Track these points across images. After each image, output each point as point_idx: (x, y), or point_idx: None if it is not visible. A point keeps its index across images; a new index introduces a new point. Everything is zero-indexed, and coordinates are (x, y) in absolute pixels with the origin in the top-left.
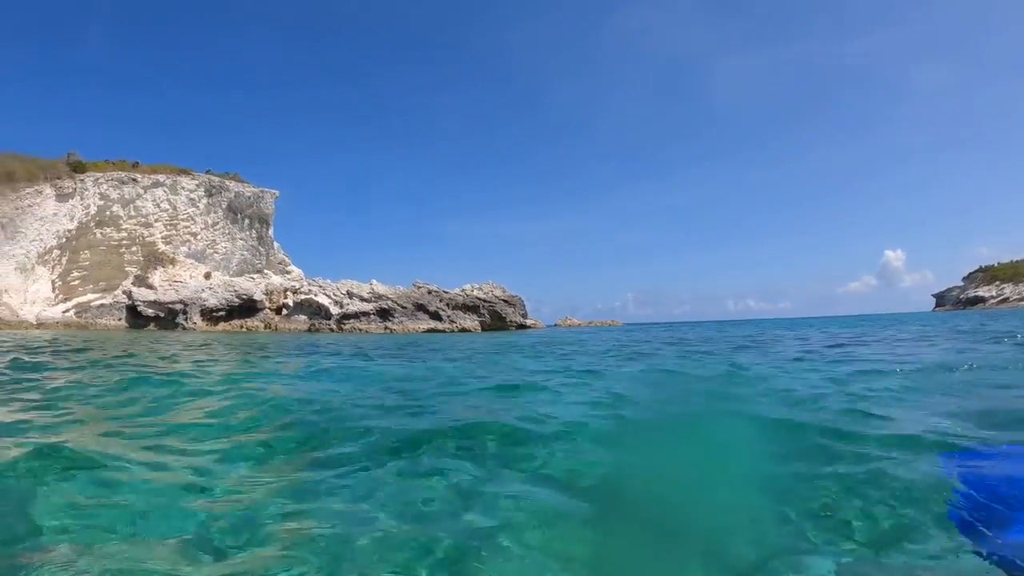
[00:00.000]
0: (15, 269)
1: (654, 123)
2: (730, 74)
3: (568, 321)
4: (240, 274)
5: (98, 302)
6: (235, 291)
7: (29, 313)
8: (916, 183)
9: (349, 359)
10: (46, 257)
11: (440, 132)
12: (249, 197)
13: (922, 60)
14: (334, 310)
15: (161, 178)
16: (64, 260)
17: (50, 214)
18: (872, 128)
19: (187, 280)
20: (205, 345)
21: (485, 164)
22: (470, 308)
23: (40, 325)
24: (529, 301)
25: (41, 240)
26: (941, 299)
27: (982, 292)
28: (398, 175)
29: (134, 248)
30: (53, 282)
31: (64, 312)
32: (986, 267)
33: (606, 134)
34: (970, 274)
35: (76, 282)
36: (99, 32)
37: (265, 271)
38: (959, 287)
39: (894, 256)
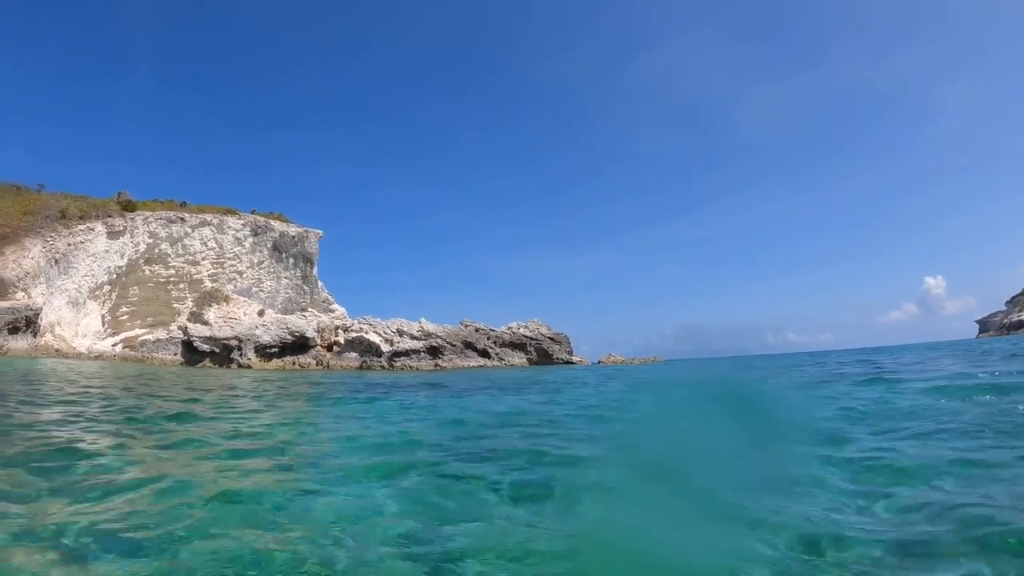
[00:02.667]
0: (67, 303)
1: (685, 156)
2: (757, 104)
3: (611, 358)
4: (285, 312)
5: (145, 336)
6: (288, 328)
7: (81, 345)
8: (953, 206)
9: (501, 395)
10: (97, 292)
11: (475, 167)
12: (293, 237)
13: (951, 78)
14: (385, 348)
15: (208, 217)
16: (114, 295)
17: (101, 251)
18: (904, 151)
19: (241, 317)
20: (335, 382)
21: (520, 199)
22: (517, 346)
23: (99, 356)
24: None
25: (92, 276)
26: (985, 325)
27: None
28: (435, 213)
29: (181, 285)
30: (103, 316)
31: (113, 345)
32: None
33: (638, 168)
34: (1013, 298)
35: (124, 317)
36: (145, 73)
37: (309, 309)
38: (1003, 312)
39: (934, 283)
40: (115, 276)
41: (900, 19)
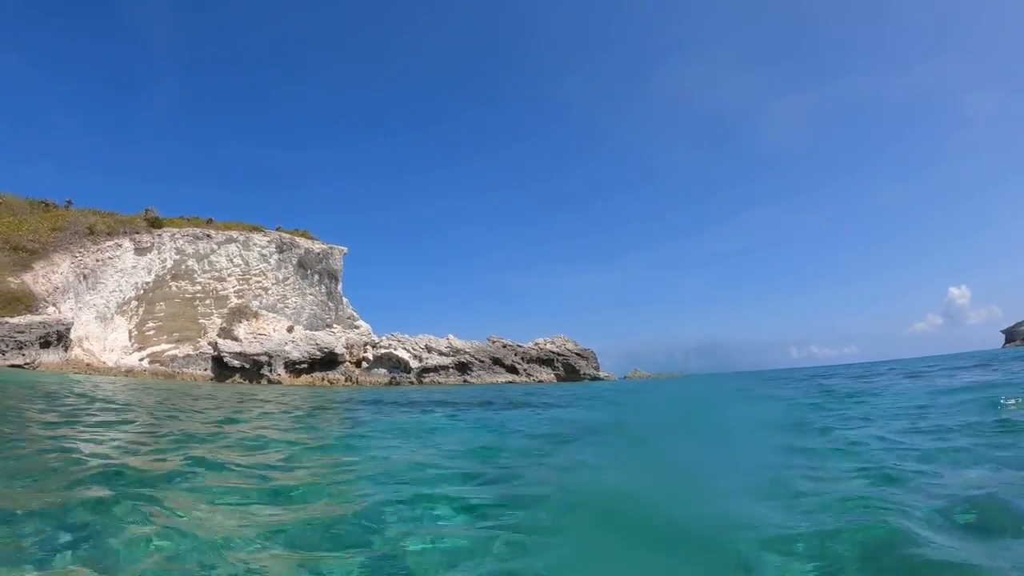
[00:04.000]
0: (95, 318)
1: (708, 171)
2: (780, 118)
3: (637, 373)
4: (310, 329)
5: (173, 352)
6: (317, 344)
7: (109, 360)
8: (976, 216)
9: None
10: (124, 307)
11: (499, 183)
12: (318, 253)
13: (975, 88)
14: (413, 364)
15: (234, 234)
16: (141, 311)
17: (129, 267)
18: (927, 162)
19: (271, 333)
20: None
21: (542, 215)
22: (545, 361)
23: (129, 372)
24: None
25: (120, 291)
26: (1011, 335)
27: None
28: (458, 229)
29: (208, 301)
30: (130, 331)
31: (140, 360)
32: None
33: (660, 184)
34: None
35: (151, 332)
36: (169, 88)
37: (334, 326)
38: None
39: (959, 293)
40: (142, 292)
41: (923, 29)
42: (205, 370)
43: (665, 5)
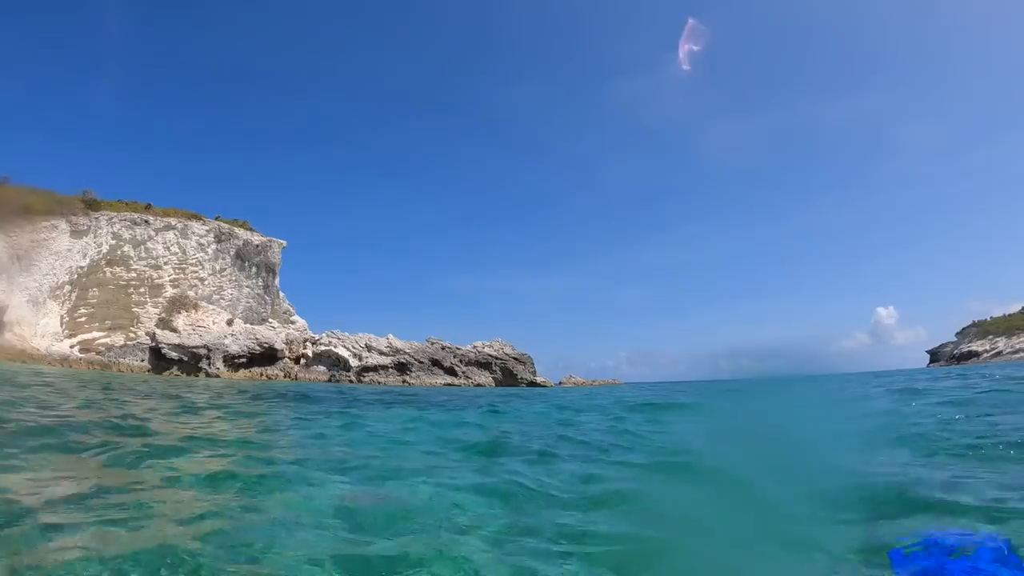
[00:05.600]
0: (27, 301)
1: (647, 185)
2: (717, 137)
3: (572, 379)
4: (247, 322)
5: (104, 340)
6: (256, 339)
7: (40, 346)
8: (903, 241)
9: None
10: (57, 292)
11: (441, 188)
12: (257, 245)
13: (906, 119)
14: (353, 362)
15: (173, 221)
16: (74, 296)
17: (64, 249)
18: (857, 187)
19: (210, 326)
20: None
21: (486, 222)
22: (483, 365)
23: (65, 361)
24: None
25: (54, 275)
26: (935, 355)
27: (975, 347)
28: (397, 232)
29: (142, 289)
30: (62, 317)
31: (71, 348)
32: (979, 322)
33: (601, 194)
34: (963, 329)
35: (83, 319)
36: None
37: (270, 320)
38: (952, 343)
39: (886, 313)
40: (76, 276)
41: (857, 59)
42: (142, 361)
43: (614, 21)
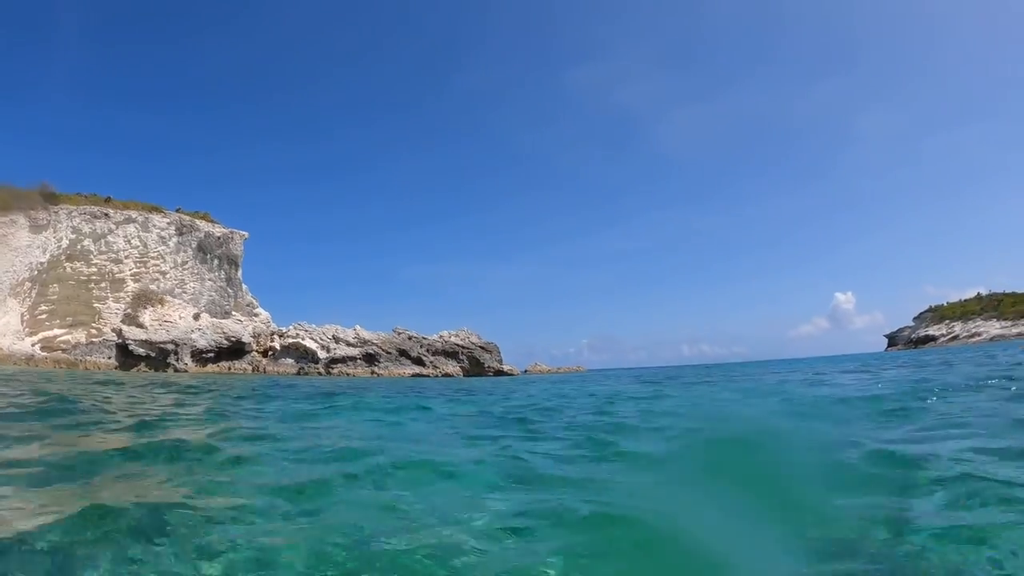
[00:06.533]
0: None
1: (610, 173)
2: (680, 125)
3: (537, 367)
4: (211, 315)
5: (66, 337)
6: (224, 333)
7: (1, 345)
8: (861, 227)
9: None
10: (18, 289)
11: (405, 183)
12: (219, 237)
13: (865, 107)
14: (321, 354)
15: (133, 214)
16: (34, 293)
17: (24, 245)
18: (816, 175)
19: (177, 320)
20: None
21: (451, 212)
22: (450, 354)
23: (30, 360)
24: None
25: (14, 271)
26: (893, 339)
27: (932, 331)
28: (360, 223)
29: (103, 284)
30: (22, 315)
31: (33, 346)
32: (936, 307)
33: (564, 183)
34: (920, 314)
35: (43, 316)
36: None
37: (234, 313)
38: (910, 327)
39: (844, 299)
40: (36, 272)
41: (819, 49)
42: (109, 358)
43: (577, 6)
